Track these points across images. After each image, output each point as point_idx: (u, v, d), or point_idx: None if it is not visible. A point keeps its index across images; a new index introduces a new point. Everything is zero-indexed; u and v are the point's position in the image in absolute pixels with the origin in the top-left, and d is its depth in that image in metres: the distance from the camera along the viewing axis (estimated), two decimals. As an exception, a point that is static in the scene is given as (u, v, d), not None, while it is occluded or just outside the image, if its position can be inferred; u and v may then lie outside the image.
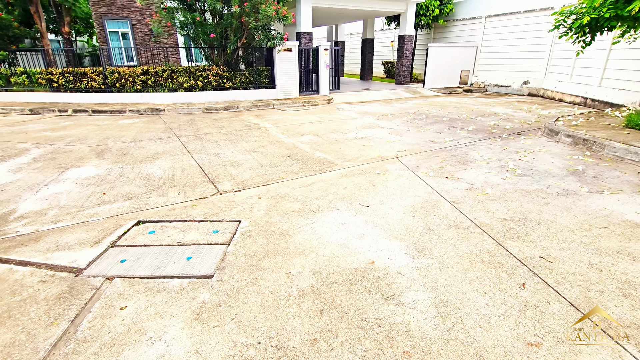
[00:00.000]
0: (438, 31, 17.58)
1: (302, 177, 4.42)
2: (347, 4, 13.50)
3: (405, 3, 14.72)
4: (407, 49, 15.60)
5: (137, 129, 7.50)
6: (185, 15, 9.50)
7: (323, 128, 7.37)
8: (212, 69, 10.89)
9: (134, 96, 10.71)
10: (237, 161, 5.10)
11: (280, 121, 8.28)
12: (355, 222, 3.19)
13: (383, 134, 6.77)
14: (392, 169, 4.65)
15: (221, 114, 9.64)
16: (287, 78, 11.78)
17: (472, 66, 15.80)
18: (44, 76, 10.69)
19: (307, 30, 12.98)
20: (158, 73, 10.58)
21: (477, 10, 15.22)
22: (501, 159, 4.99)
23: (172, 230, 3.12)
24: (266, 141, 6.28)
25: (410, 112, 9.53)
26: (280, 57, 11.35)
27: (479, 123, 7.74)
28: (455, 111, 9.52)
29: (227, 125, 7.78)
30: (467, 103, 11.28)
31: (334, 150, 5.60)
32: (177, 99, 10.76)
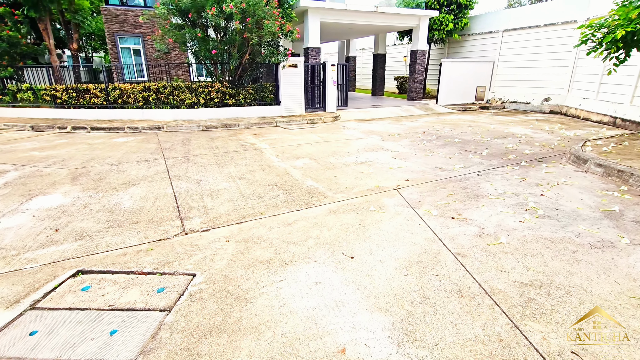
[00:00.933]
0: (452, 46, 16.99)
1: (284, 213, 3.85)
2: (356, 20, 13.13)
3: (418, 18, 14.24)
4: (419, 64, 15.04)
5: (128, 148, 7.15)
6: (187, 31, 9.28)
7: (322, 150, 6.82)
8: (215, 85, 10.60)
9: (135, 113, 10.51)
10: (217, 190, 4.59)
11: (278, 141, 7.79)
12: (332, 282, 2.57)
13: (386, 158, 6.16)
14: (390, 204, 4.02)
15: (220, 132, 9.25)
16: (291, 94, 11.38)
17: (488, 82, 15.07)
18: (49, 92, 10.65)
19: (314, 46, 12.64)
20: (159, 89, 10.37)
21: (494, 25, 14.58)
22: (519, 194, 4.29)
23: (111, 287, 2.58)
24: (257, 165, 5.77)
25: (419, 131, 8.89)
26: (285, 73, 10.98)
27: (494, 146, 7.02)
28: (469, 131, 8.81)
29: (221, 146, 7.35)
30: (482, 122, 10.54)
31: (327, 178, 5.02)
32: (178, 116, 10.48)
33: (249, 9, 9.06)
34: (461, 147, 6.91)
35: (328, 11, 12.44)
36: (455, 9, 14.86)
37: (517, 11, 13.79)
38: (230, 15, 8.87)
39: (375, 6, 12.96)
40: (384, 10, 13.12)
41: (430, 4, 14.82)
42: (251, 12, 9.12)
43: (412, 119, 11.44)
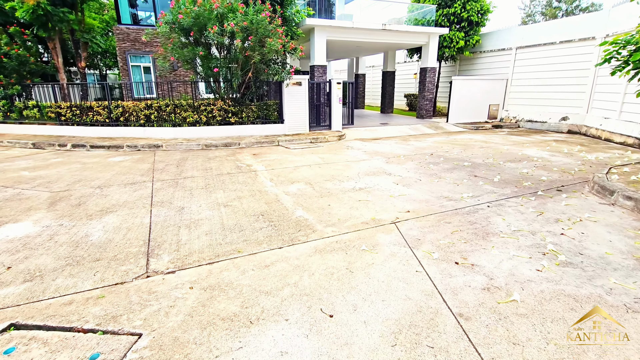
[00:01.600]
0: (464, 63, 16.58)
1: (264, 250, 3.41)
2: (364, 37, 12.92)
3: (427, 35, 13.95)
4: (429, 81, 14.66)
5: (120, 169, 6.90)
6: (189, 50, 9.17)
7: (320, 173, 6.40)
8: (217, 103, 10.42)
9: (137, 131, 10.38)
10: (198, 220, 4.19)
11: (276, 162, 7.43)
12: (302, 353, 2.10)
13: (388, 183, 5.68)
14: (385, 242, 3.54)
15: (219, 151, 8.97)
16: (296, 113, 11.11)
17: (501, 100, 14.52)
18: (54, 110, 10.66)
19: (320, 64, 12.43)
20: (161, 107, 10.24)
21: (507, 42, 14.15)
22: (536, 232, 3.74)
23: (39, 349, 2.17)
24: (247, 190, 5.38)
25: (427, 152, 8.40)
26: (289, 91, 10.74)
27: (507, 171, 6.46)
28: (480, 153, 8.27)
29: (216, 167, 7.02)
30: (495, 142, 9.97)
31: (320, 208, 4.57)
32: (180, 134, 10.30)
33: (251, 27, 8.91)
34: (471, 172, 6.38)
35: (335, 29, 12.27)
36: (466, 26, 14.53)
37: (531, 28, 13.35)
38: (232, 33, 8.72)
39: (383, 24, 12.75)
40: (392, 28, 12.89)
41: (440, 22, 14.54)
42: (254, 30, 8.96)
43: (421, 138, 10.96)
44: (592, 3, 32.80)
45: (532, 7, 36.29)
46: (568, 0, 33.73)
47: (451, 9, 14.20)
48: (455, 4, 14.12)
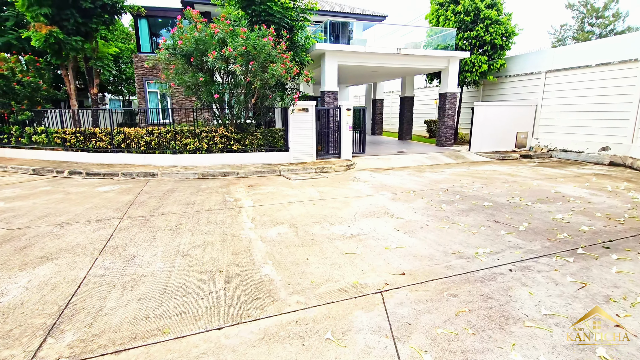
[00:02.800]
0: (488, 88, 15.56)
1: (196, 332, 2.56)
2: (378, 62, 12.32)
3: (446, 60, 13.17)
4: (449, 107, 13.72)
5: (99, 201, 6.38)
6: (190, 76, 8.85)
7: (312, 212, 5.56)
8: (219, 130, 9.98)
9: (137, 157, 10.06)
10: (140, 277, 3.43)
11: (269, 196, 6.67)
12: None
13: (387, 229, 4.74)
14: (362, 326, 2.60)
15: (214, 181, 8.37)
16: (302, 140, 10.46)
17: (530, 127, 13.29)
18: (60, 135, 10.61)
19: (331, 89, 11.88)
20: (162, 134, 9.91)
21: (535, 65, 13.09)
22: (575, 317, 2.67)
23: None
24: (219, 234, 4.61)
25: (442, 187, 7.38)
26: (295, 118, 10.15)
27: (537, 215, 5.34)
28: (505, 189, 7.15)
29: (200, 201, 6.35)
30: (522, 175, 8.79)
31: (295, 263, 3.70)
32: (180, 162, 9.87)
33: (253, 52, 8.49)
34: (491, 216, 5.31)
35: (346, 54, 11.77)
36: (489, 49, 13.64)
37: (562, 50, 12.27)
38: (232, 58, 8.32)
39: (398, 48, 12.12)
40: (408, 52, 12.22)
41: (461, 45, 13.75)
42: (255, 55, 8.54)
43: (438, 169, 9.93)
44: (628, 27, 31.04)
45: (562, 31, 34.93)
46: (602, 24, 32.17)
47: (472, 32, 13.42)
48: (477, 27, 13.34)
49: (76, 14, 10.47)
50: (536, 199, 6.37)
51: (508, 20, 13.56)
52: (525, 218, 5.17)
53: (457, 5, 13.56)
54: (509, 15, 13.67)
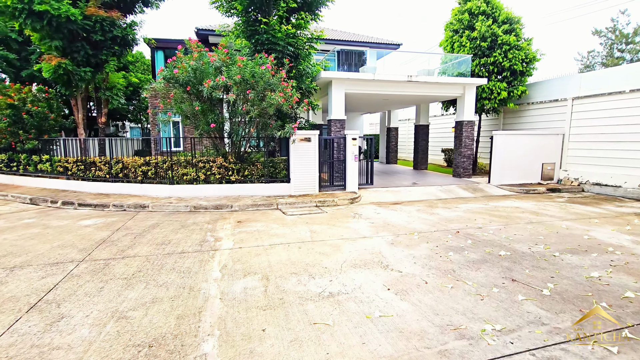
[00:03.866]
0: (509, 116, 14.62)
1: None
2: (388, 90, 11.79)
3: (462, 87, 12.47)
4: (466, 136, 12.85)
5: (70, 238, 5.92)
6: (186, 105, 8.58)
7: (294, 259, 4.81)
8: (217, 160, 9.56)
9: (134, 187, 9.76)
10: (52, 350, 2.78)
11: (253, 236, 6.00)
12: None
13: (375, 287, 3.91)
14: None
15: (205, 215, 7.82)
16: (304, 171, 9.85)
17: (557, 158, 12.14)
18: (62, 164, 10.56)
19: (338, 118, 11.37)
20: (158, 164, 9.61)
21: (560, 92, 12.13)
22: None
23: None
24: (175, 288, 3.93)
25: (453, 228, 6.46)
26: (296, 147, 9.62)
27: (566, 272, 4.35)
28: (527, 233, 6.14)
29: (177, 241, 5.75)
30: (549, 214, 7.70)
31: (246, 337, 2.94)
32: (175, 193, 9.46)
33: (251, 80, 8.15)
34: (507, 271, 4.37)
35: (354, 82, 11.32)
36: (508, 76, 12.85)
37: (590, 76, 11.30)
38: (227, 87, 7.99)
39: (409, 75, 11.57)
40: (420, 80, 11.64)
41: (477, 72, 13.05)
42: (253, 83, 8.19)
43: (452, 204, 8.98)
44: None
45: (590, 58, 33.61)
46: (632, 50, 30.69)
47: (490, 58, 12.73)
48: (494, 52, 12.66)
49: (86, 46, 10.68)
50: (565, 247, 5.34)
51: (528, 46, 12.81)
52: (550, 276, 4.19)
53: (473, 31, 13.00)
54: (529, 40, 12.93)
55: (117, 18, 10.72)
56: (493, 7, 13.02)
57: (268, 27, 9.75)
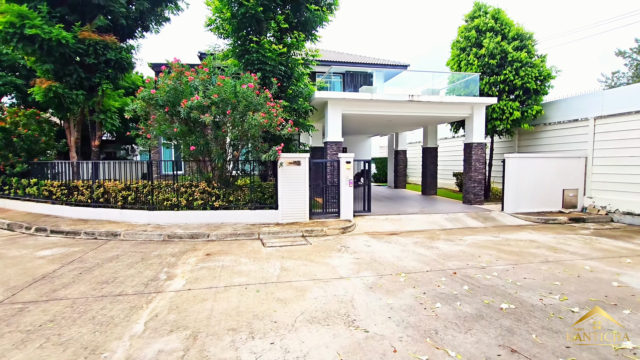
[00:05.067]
0: (524, 137, 13.51)
1: None
2: (388, 111, 11.06)
3: (470, 107, 11.60)
4: (476, 159, 11.83)
5: (11, 272, 5.29)
6: (166, 127, 8.11)
7: (242, 309, 3.95)
8: (200, 185, 8.96)
9: (114, 213, 9.24)
10: None
11: (214, 274, 5.19)
12: None
13: (326, 356, 2.99)
14: None
15: (174, 246, 7.10)
16: (293, 197, 9.08)
17: (580, 183, 10.88)
18: (48, 188, 10.24)
19: (335, 140, 10.67)
20: (139, 189, 9.09)
21: (580, 111, 11.05)
22: None
23: None
24: (78, 346, 3.15)
25: (450, 268, 5.44)
26: (285, 172, 8.91)
27: (588, 340, 3.28)
28: (540, 276, 5.05)
29: (123, 279, 5.02)
30: (570, 250, 6.53)
31: None
32: (154, 219, 8.85)
33: (232, 100, 7.62)
34: (508, 334, 3.34)
35: (351, 102, 10.67)
36: (521, 94, 11.90)
37: (614, 93, 10.22)
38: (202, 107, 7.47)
39: (410, 95, 10.84)
40: (422, 99, 10.87)
41: (486, 91, 12.18)
42: (234, 103, 7.65)
43: (456, 236, 7.91)
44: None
45: (614, 79, 32.05)
46: (661, 69, 29.04)
47: (500, 76, 11.87)
48: (504, 70, 11.80)
49: (79, 70, 10.58)
50: (587, 297, 4.24)
51: (542, 63, 11.90)
52: (565, 345, 3.14)
53: (481, 49, 12.25)
54: (543, 57, 12.03)
55: (111, 42, 10.63)
56: (502, 24, 12.30)
57: (258, 47, 9.36)
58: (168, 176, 13.88)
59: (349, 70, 18.85)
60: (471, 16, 12.97)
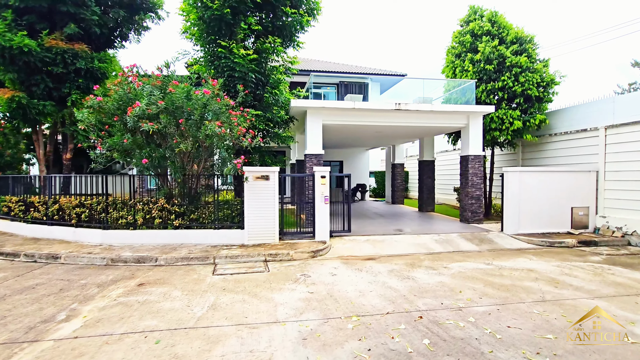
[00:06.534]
0: (528, 150, 12.34)
1: None
2: (374, 121, 10.15)
3: (465, 116, 10.59)
4: (473, 174, 10.72)
5: None
6: (117, 138, 7.36)
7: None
8: (159, 201, 8.14)
9: (67, 232, 8.48)
10: None
11: (121, 314, 4.26)
12: None
13: None
14: None
15: (112, 272, 6.22)
16: (261, 216, 8.15)
17: (592, 201, 9.63)
18: (7, 204, 9.61)
19: (314, 153, 9.78)
20: (92, 206, 8.32)
21: (589, 120, 9.91)
22: None
23: None
24: None
25: (418, 309, 4.37)
26: (252, 187, 8.02)
27: None
28: (530, 324, 3.92)
29: (14, 317, 4.14)
30: (575, 284, 5.35)
31: None
32: (108, 239, 8.04)
33: (187, 107, 6.84)
34: None
35: (332, 111, 9.81)
36: (521, 102, 10.82)
37: (627, 99, 9.07)
38: (149, 115, 6.70)
39: (397, 103, 9.91)
40: (410, 108, 9.92)
41: (483, 99, 11.15)
42: (189, 111, 6.87)
43: (442, 262, 6.80)
44: None
45: (631, 90, 30.43)
46: (680, 79, 27.37)
47: (498, 83, 10.84)
48: (502, 76, 10.79)
49: (47, 79, 10.09)
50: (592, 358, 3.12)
51: (544, 67, 10.85)
52: None
53: (476, 54, 11.29)
54: (546, 61, 10.99)
55: (80, 50, 10.13)
56: (500, 27, 11.35)
57: (227, 51, 8.65)
58: (152, 191, 13.18)
59: (343, 81, 18.13)
60: (466, 20, 12.08)
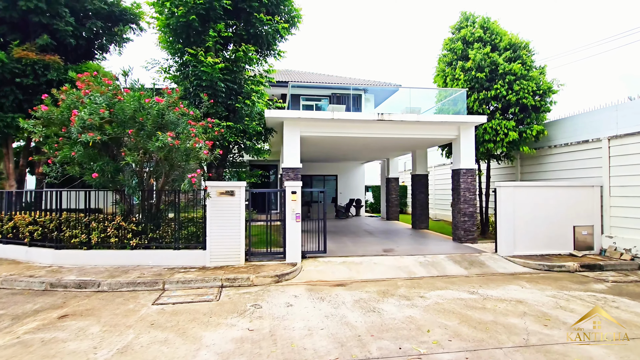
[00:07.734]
0: (527, 163, 11.49)
1: None
2: (356, 132, 9.49)
3: (455, 127, 9.86)
4: (465, 189, 9.90)
5: None
6: (67, 150, 6.82)
7: None
8: (116, 219, 7.52)
9: (20, 251, 7.94)
10: None
11: (10, 358, 3.56)
12: None
13: None
14: None
15: (43, 299, 5.56)
16: (225, 235, 7.45)
17: (596, 219, 8.69)
18: (-33, 221, 9.11)
19: (292, 166, 9.10)
20: (45, 223, 7.74)
21: (591, 130, 9.09)
22: None
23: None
24: None
25: (367, 357, 3.56)
26: (215, 204, 7.36)
27: None
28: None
29: None
30: (569, 323, 4.46)
31: None
32: (59, 260, 7.43)
33: (138, 117, 6.29)
34: None
35: (310, 122, 9.17)
36: (517, 112, 10.06)
37: (631, 106, 8.23)
38: (89, 125, 6.15)
39: (379, 113, 9.25)
40: (394, 119, 9.24)
41: (475, 108, 10.42)
42: (141, 121, 6.31)
43: (420, 290, 5.95)
44: None
45: None
46: (695, 86, 26.21)
47: (490, 92, 10.13)
48: (495, 84, 10.07)
49: (17, 91, 9.75)
50: None
51: (541, 75, 10.12)
52: None
53: (467, 61, 10.63)
54: (542, 68, 10.28)
55: (51, 61, 9.80)
56: (492, 33, 10.71)
57: (194, 60, 8.17)
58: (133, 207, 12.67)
59: (335, 93, 17.65)
60: (457, 27, 11.48)
